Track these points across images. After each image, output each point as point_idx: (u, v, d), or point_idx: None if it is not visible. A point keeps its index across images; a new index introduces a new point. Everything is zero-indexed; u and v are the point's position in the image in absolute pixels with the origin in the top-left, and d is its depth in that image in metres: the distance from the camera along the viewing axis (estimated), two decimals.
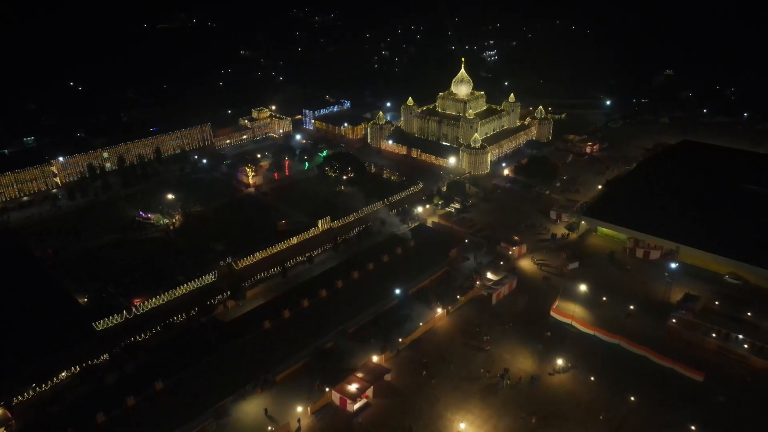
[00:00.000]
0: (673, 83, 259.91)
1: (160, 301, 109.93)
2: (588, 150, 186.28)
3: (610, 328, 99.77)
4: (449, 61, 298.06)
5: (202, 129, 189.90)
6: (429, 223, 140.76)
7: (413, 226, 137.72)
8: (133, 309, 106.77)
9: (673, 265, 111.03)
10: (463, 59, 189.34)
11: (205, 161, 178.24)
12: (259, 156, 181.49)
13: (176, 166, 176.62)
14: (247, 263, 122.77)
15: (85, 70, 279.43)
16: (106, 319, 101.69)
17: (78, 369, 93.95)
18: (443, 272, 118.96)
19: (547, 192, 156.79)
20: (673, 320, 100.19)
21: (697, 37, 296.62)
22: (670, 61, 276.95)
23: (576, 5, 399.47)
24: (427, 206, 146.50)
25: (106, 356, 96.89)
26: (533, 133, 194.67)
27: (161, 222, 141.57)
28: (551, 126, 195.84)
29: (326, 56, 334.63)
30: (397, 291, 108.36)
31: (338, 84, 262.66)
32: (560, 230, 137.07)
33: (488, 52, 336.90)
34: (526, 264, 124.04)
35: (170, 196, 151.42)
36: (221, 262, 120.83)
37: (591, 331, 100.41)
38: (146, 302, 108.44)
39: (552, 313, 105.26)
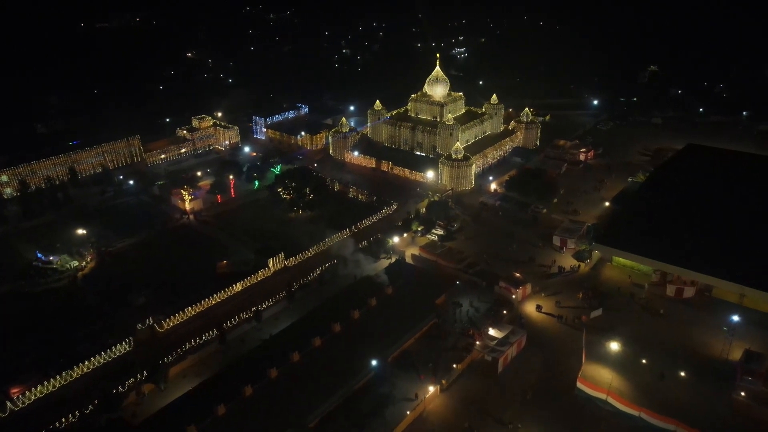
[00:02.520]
0: (659, 80, 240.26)
1: (49, 389, 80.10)
2: (582, 157, 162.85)
3: (660, 407, 74.83)
4: (418, 59, 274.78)
5: (129, 142, 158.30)
6: (408, 257, 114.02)
7: (389, 261, 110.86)
8: (8, 404, 76.83)
9: (736, 318, 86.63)
10: (437, 55, 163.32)
11: (131, 182, 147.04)
12: (199, 174, 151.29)
13: (96, 189, 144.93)
14: (175, 323, 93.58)
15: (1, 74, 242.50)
16: None
17: None
18: (431, 326, 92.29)
19: (544, 210, 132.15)
20: (741, 392, 75.96)
21: (679, 29, 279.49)
22: (653, 55, 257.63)
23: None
24: (404, 234, 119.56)
25: None
26: (519, 139, 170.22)
27: (67, 266, 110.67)
28: (539, 130, 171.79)
29: (281, 56, 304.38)
30: (374, 361, 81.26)
31: (294, 86, 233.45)
32: (567, 261, 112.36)
33: (457, 49, 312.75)
34: (534, 309, 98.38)
35: (80, 232, 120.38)
36: (139, 325, 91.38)
37: (635, 412, 75.36)
38: (28, 392, 78.54)
39: (579, 385, 79.84)
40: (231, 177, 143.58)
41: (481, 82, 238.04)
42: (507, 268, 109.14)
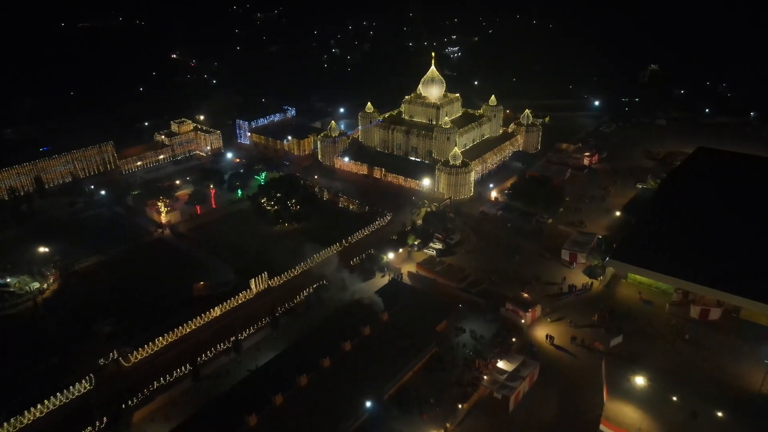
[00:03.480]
0: (659, 79, 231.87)
1: None
2: (586, 162, 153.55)
3: None
4: (411, 58, 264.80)
5: (102, 149, 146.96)
6: (404, 275, 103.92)
7: (383, 278, 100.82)
8: None
9: None
10: (433, 54, 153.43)
11: (103, 192, 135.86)
12: (177, 183, 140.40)
13: (64, 200, 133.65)
14: (143, 356, 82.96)
15: None
16: None
17: None
18: (431, 355, 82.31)
19: (549, 220, 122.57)
20: None
21: (678, 27, 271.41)
22: (653, 54, 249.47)
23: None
24: (400, 250, 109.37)
25: None
26: (520, 142, 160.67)
27: (26, 289, 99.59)
28: (540, 133, 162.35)
29: (268, 56, 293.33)
30: (368, 402, 71.14)
31: (281, 88, 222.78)
32: (579, 278, 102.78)
33: (450, 48, 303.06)
34: (550, 334, 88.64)
35: (43, 250, 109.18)
36: (102, 360, 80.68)
37: None
38: None
39: (602, 428, 70.11)
40: (211, 186, 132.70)
41: (476, 83, 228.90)
42: (513, 286, 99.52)
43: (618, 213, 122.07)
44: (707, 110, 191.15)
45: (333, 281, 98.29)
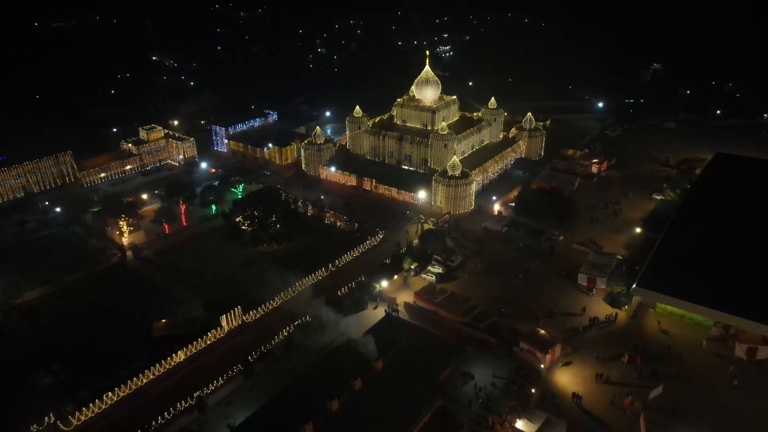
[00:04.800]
0: (663, 79, 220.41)
1: None
2: (595, 169, 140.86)
3: None
4: (401, 58, 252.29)
5: (60, 159, 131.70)
6: (401, 307, 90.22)
7: (378, 313, 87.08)
8: None
9: None
10: (427, 53, 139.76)
11: (59, 210, 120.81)
12: (144, 197, 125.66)
13: (14, 219, 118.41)
14: (87, 417, 68.51)
15: None
16: None
17: None
18: (436, 410, 68.69)
19: (561, 238, 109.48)
20: None
21: (678, 23, 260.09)
22: (654, 52, 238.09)
23: None
24: (395, 277, 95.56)
25: None
26: (522, 148, 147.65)
27: None
28: (543, 139, 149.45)
29: (250, 56, 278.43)
30: None
31: (264, 89, 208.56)
32: (600, 307, 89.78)
33: (442, 48, 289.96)
34: (569, 378, 75.49)
35: None
36: (35, 426, 66.16)
37: None
38: None
39: None
40: (181, 202, 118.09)
41: (471, 83, 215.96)
42: (526, 318, 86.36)
43: (638, 230, 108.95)
44: (719, 112, 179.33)
45: (318, 316, 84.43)
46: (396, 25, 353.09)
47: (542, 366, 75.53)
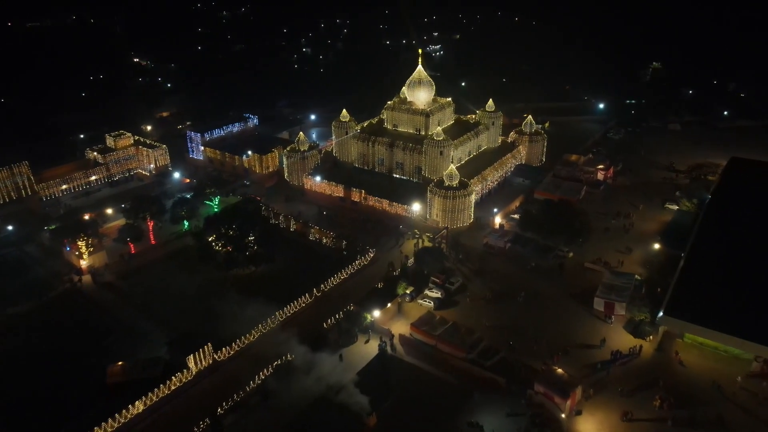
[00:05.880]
0: (663, 78, 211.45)
1: None
2: (601, 176, 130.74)
3: None
4: (390, 57, 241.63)
5: (15, 170, 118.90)
6: (395, 340, 79.06)
7: (370, 349, 75.86)
8: None
9: None
10: (420, 51, 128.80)
11: (11, 228, 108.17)
12: (109, 212, 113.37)
13: None
14: None
15: None
16: None
17: None
18: None
19: (570, 254, 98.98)
20: None
21: (678, 20, 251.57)
22: (653, 51, 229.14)
23: None
24: (389, 305, 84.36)
25: None
26: (522, 154, 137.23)
27: None
28: (545, 143, 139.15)
29: (232, 56, 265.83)
30: None
31: (244, 91, 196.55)
32: (618, 335, 79.37)
33: (432, 47, 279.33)
34: (593, 426, 64.79)
35: None
36: None
37: None
38: None
39: None
40: (148, 217, 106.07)
41: (463, 84, 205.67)
42: (538, 352, 75.71)
43: (657, 246, 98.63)
44: (726, 113, 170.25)
45: (300, 355, 73.16)
46: (384, 24, 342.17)
47: (563, 416, 64.71)
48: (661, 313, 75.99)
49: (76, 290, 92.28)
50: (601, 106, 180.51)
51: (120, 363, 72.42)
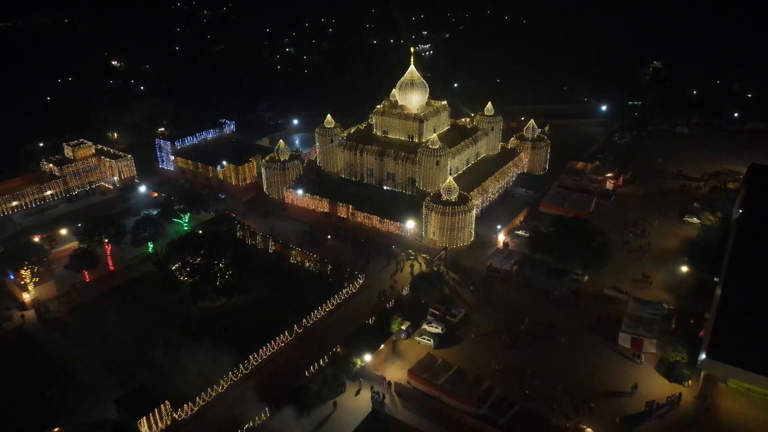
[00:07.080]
0: (665, 78, 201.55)
1: None
2: (610, 185, 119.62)
3: None
4: (378, 58, 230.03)
5: None
6: (392, 391, 66.87)
7: (361, 403, 63.64)
8: None
9: None
10: (412, 50, 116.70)
11: None
12: (63, 233, 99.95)
13: None
14: None
15: None
16: None
17: None
18: None
19: (586, 278, 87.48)
20: None
21: (678, 17, 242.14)
22: (653, 49, 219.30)
23: None
24: (382, 346, 72.08)
25: None
26: (524, 162, 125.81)
27: None
28: (548, 149, 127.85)
29: (211, 57, 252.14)
30: None
31: (225, 93, 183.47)
32: (650, 379, 67.95)
33: (422, 46, 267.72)
34: None
35: None
36: None
37: None
38: None
39: None
40: (105, 239, 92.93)
41: (456, 84, 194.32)
42: (560, 402, 64.05)
43: (684, 268, 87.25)
44: (736, 115, 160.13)
45: (276, 412, 60.90)
46: (371, 23, 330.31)
47: None
48: (703, 356, 64.57)
49: (17, 330, 78.94)
50: (603, 108, 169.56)
51: (56, 430, 59.52)
